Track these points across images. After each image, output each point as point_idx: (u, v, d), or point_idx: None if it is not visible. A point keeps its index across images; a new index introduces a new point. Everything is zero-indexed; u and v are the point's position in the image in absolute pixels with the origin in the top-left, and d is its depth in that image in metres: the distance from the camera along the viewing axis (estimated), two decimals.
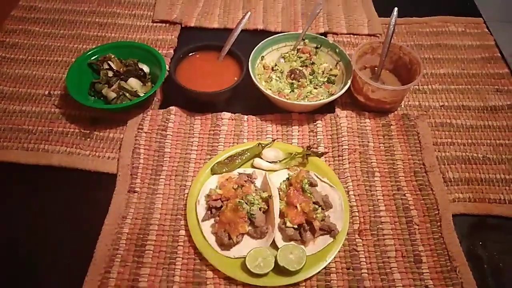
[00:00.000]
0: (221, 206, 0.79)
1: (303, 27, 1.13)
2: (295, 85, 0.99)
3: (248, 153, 0.87)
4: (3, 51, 1.09)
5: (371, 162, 0.89)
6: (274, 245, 0.75)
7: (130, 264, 0.74)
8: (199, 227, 0.77)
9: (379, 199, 0.83)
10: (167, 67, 1.01)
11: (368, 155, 0.90)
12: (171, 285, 0.72)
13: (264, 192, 0.80)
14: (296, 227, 0.76)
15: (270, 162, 0.87)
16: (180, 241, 0.77)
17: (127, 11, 1.22)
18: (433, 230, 0.79)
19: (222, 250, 0.75)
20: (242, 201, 0.77)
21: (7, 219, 0.81)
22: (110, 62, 0.99)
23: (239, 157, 0.86)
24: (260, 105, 0.98)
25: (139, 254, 0.75)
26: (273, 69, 1.03)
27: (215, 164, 0.85)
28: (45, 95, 1.00)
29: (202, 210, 0.79)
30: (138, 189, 0.83)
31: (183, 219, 0.80)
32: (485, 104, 1.01)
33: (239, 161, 0.86)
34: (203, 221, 0.78)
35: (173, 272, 0.73)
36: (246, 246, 0.75)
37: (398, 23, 1.16)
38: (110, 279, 0.72)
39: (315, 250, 0.75)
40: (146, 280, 0.72)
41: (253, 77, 0.94)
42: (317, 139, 0.92)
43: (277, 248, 0.74)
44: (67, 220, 0.80)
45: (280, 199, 0.80)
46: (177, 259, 0.75)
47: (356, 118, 0.96)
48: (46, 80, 1.04)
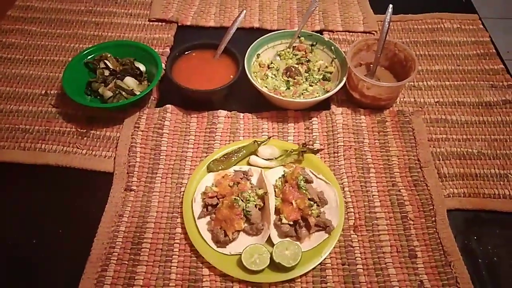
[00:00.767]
0: (217, 204, 0.79)
1: (298, 25, 1.13)
2: (291, 83, 0.99)
3: (244, 151, 0.87)
4: None
5: (366, 158, 0.89)
6: (270, 241, 0.76)
7: (126, 262, 0.75)
8: (195, 225, 0.78)
9: (374, 195, 0.84)
10: (163, 65, 1.01)
11: (364, 151, 0.90)
12: (168, 282, 0.73)
13: (260, 189, 0.81)
14: (291, 223, 0.77)
15: (266, 160, 0.87)
16: (177, 239, 0.78)
17: (123, 10, 1.22)
18: (427, 225, 0.80)
19: (218, 247, 0.75)
20: (238, 198, 0.77)
21: (4, 218, 0.81)
22: (106, 61, 0.99)
23: (235, 154, 0.87)
24: (256, 103, 0.98)
25: (135, 252, 0.76)
26: (269, 66, 1.03)
27: (211, 162, 0.86)
28: (42, 94, 1.00)
29: (198, 208, 0.80)
30: (134, 187, 0.84)
31: (179, 216, 0.80)
32: (480, 100, 1.01)
33: (235, 158, 0.87)
34: (199, 218, 0.78)
35: (169, 270, 0.74)
36: (242, 243, 0.76)
37: (393, 20, 1.17)
38: (107, 277, 0.73)
39: (310, 246, 0.76)
40: (142, 278, 0.73)
41: (249, 75, 0.95)
42: (313, 136, 0.93)
43: (272, 245, 0.75)
44: (63, 219, 0.81)
45: (276, 196, 0.80)
46: (173, 256, 0.76)
47: (351, 115, 0.96)
48: (42, 79, 1.04)
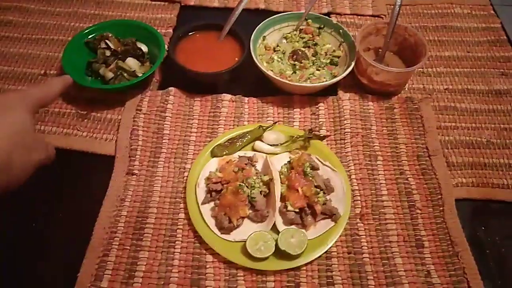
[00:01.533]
0: (221, 189, 0.77)
1: (305, 7, 1.10)
2: (297, 67, 0.97)
3: (249, 136, 0.85)
4: None
5: (374, 146, 0.87)
6: (274, 229, 0.74)
7: (128, 247, 0.73)
8: (199, 210, 0.76)
9: (381, 183, 0.82)
10: (166, 46, 0.98)
11: (371, 138, 0.88)
12: (170, 268, 0.71)
13: (265, 175, 0.79)
14: (297, 211, 0.75)
15: (271, 145, 0.85)
16: (180, 224, 0.76)
17: None
18: (435, 215, 0.78)
19: (222, 233, 0.74)
20: (242, 184, 0.75)
21: (2, 202, 0.79)
22: (107, 41, 0.96)
23: (240, 139, 0.85)
24: (261, 87, 0.96)
25: (137, 237, 0.74)
26: (275, 49, 1.00)
27: (215, 147, 0.84)
28: (41, 74, 0.98)
29: (202, 193, 0.78)
30: (136, 172, 0.82)
31: (182, 202, 0.79)
32: (490, 88, 0.99)
33: (240, 143, 0.85)
34: (202, 204, 0.77)
35: (172, 256, 0.73)
36: (247, 229, 0.74)
37: (403, 4, 1.12)
38: (108, 263, 0.71)
39: (316, 234, 0.74)
40: (144, 264, 0.71)
41: (254, 58, 0.92)
42: (319, 122, 0.91)
43: (278, 232, 0.73)
44: (64, 203, 0.79)
45: (281, 182, 0.78)
46: (176, 242, 0.74)
47: (359, 100, 0.94)
48: (41, 59, 1.01)
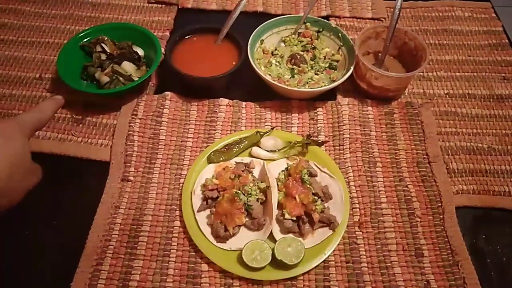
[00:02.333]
0: (218, 197, 0.76)
1: (304, 10, 1.09)
2: (295, 71, 0.95)
3: (246, 142, 0.84)
4: None
5: (373, 152, 0.86)
6: (271, 237, 0.73)
7: (122, 256, 0.72)
8: (195, 218, 0.75)
9: (380, 191, 0.81)
10: (162, 50, 0.97)
11: (370, 144, 0.87)
12: (165, 278, 0.70)
13: (262, 182, 0.78)
14: (294, 219, 0.74)
15: (269, 151, 0.84)
16: (175, 233, 0.75)
17: None
18: (435, 223, 0.77)
19: (218, 242, 0.72)
20: (239, 191, 0.74)
21: None
22: (103, 45, 0.94)
23: (237, 145, 0.83)
24: (259, 91, 0.94)
25: (132, 245, 0.73)
26: (273, 53, 0.99)
27: (211, 153, 0.82)
28: (36, 78, 0.96)
29: (197, 201, 0.77)
30: (131, 178, 0.81)
31: (178, 209, 0.77)
32: (491, 93, 0.97)
33: (237, 149, 0.83)
34: (198, 212, 0.75)
35: (167, 265, 0.71)
36: (243, 238, 0.73)
37: (403, 6, 1.12)
38: (102, 271, 0.70)
39: (314, 243, 0.73)
40: (139, 273, 0.70)
41: (252, 61, 0.91)
42: (318, 127, 0.89)
43: (274, 241, 0.72)
44: (57, 209, 0.78)
45: (279, 189, 0.77)
46: (172, 251, 0.73)
47: (358, 105, 0.93)
48: (36, 62, 1.00)
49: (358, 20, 1.12)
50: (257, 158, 0.83)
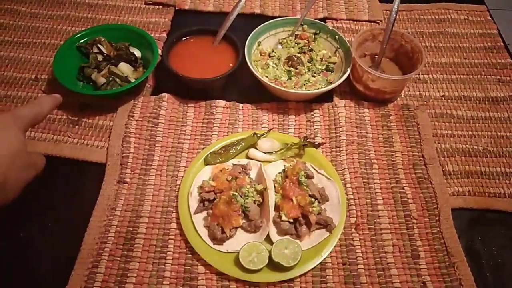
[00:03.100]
0: (214, 199, 0.76)
1: (301, 12, 1.09)
2: (292, 73, 0.95)
3: (243, 143, 0.84)
4: None
5: (369, 154, 0.86)
6: (268, 239, 0.73)
7: (118, 258, 0.71)
8: (191, 220, 0.74)
9: (377, 192, 0.81)
10: (159, 51, 0.97)
11: (367, 146, 0.87)
12: (161, 280, 0.70)
13: (259, 184, 0.78)
14: (291, 221, 0.74)
15: (266, 153, 0.84)
16: (171, 235, 0.74)
17: None
18: (431, 224, 0.77)
19: (214, 244, 0.72)
20: (236, 193, 0.74)
21: None
22: (100, 46, 0.94)
23: (234, 147, 0.83)
24: (256, 93, 0.95)
25: (128, 247, 0.73)
26: (270, 55, 0.99)
27: (208, 154, 0.82)
28: (32, 79, 0.96)
29: (194, 203, 0.76)
30: (128, 180, 0.80)
31: (174, 211, 0.77)
32: (487, 95, 0.98)
33: (234, 151, 0.83)
34: (195, 213, 0.75)
35: (163, 267, 0.71)
36: (240, 240, 0.73)
37: (399, 9, 1.12)
38: (98, 274, 0.69)
39: (310, 245, 0.73)
40: (135, 276, 0.70)
41: (249, 63, 0.91)
42: (314, 129, 0.90)
43: (271, 243, 0.72)
44: (52, 212, 0.77)
45: (276, 191, 0.77)
46: (168, 253, 0.73)
47: (354, 107, 0.93)
48: (32, 63, 0.99)
49: (355, 22, 1.13)
50: (254, 160, 0.83)
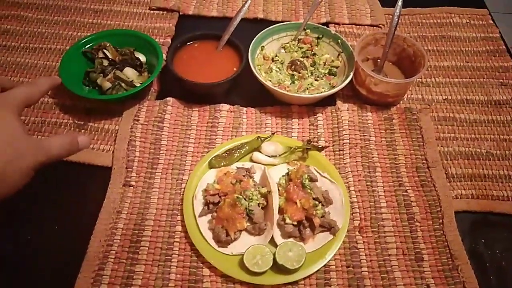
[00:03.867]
0: (219, 202, 0.76)
1: (304, 17, 1.10)
2: (295, 77, 0.96)
3: (247, 147, 0.85)
4: None
5: (373, 157, 0.87)
6: (272, 242, 0.73)
7: (124, 261, 0.72)
8: (196, 223, 0.75)
9: (380, 195, 0.82)
10: (164, 56, 0.98)
11: (370, 149, 0.88)
12: (167, 282, 0.70)
13: (263, 187, 0.78)
14: (295, 223, 0.74)
15: (269, 156, 0.85)
16: (176, 237, 0.75)
17: None
18: (435, 227, 0.78)
19: (219, 246, 0.73)
20: (240, 196, 0.75)
21: None
22: (105, 51, 0.95)
23: (238, 150, 0.84)
24: (259, 97, 0.95)
25: (134, 250, 0.73)
26: (273, 59, 1.00)
27: (212, 158, 0.83)
28: None
29: (199, 206, 0.77)
30: (133, 183, 0.81)
31: (179, 214, 0.78)
32: (489, 98, 0.98)
33: (238, 154, 0.84)
34: (200, 216, 0.76)
35: (168, 270, 0.72)
36: (244, 243, 0.73)
37: (401, 13, 1.12)
38: (104, 276, 0.70)
39: (314, 248, 0.73)
40: (141, 278, 0.70)
41: (253, 68, 0.92)
42: (318, 132, 0.90)
43: (276, 245, 0.72)
44: (59, 215, 0.78)
45: (280, 194, 0.77)
46: (173, 256, 0.73)
47: (357, 111, 0.94)
48: (39, 68, 1.00)
49: (357, 26, 1.14)
50: (258, 163, 0.84)
